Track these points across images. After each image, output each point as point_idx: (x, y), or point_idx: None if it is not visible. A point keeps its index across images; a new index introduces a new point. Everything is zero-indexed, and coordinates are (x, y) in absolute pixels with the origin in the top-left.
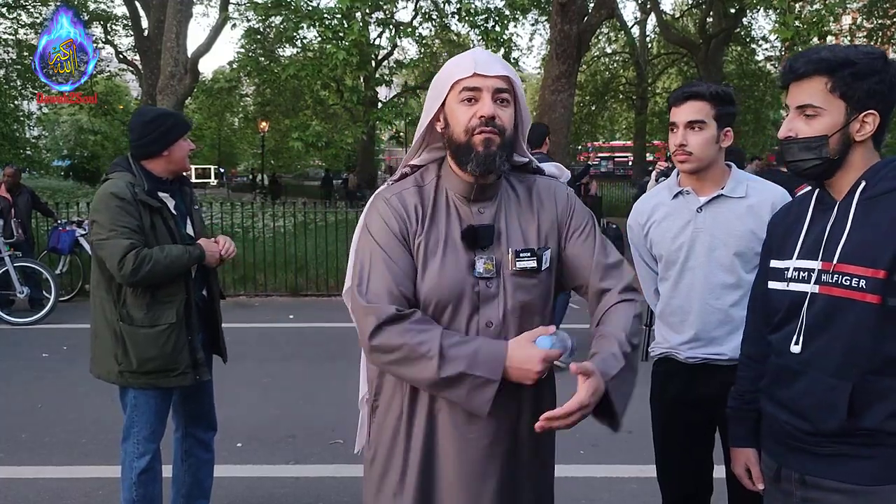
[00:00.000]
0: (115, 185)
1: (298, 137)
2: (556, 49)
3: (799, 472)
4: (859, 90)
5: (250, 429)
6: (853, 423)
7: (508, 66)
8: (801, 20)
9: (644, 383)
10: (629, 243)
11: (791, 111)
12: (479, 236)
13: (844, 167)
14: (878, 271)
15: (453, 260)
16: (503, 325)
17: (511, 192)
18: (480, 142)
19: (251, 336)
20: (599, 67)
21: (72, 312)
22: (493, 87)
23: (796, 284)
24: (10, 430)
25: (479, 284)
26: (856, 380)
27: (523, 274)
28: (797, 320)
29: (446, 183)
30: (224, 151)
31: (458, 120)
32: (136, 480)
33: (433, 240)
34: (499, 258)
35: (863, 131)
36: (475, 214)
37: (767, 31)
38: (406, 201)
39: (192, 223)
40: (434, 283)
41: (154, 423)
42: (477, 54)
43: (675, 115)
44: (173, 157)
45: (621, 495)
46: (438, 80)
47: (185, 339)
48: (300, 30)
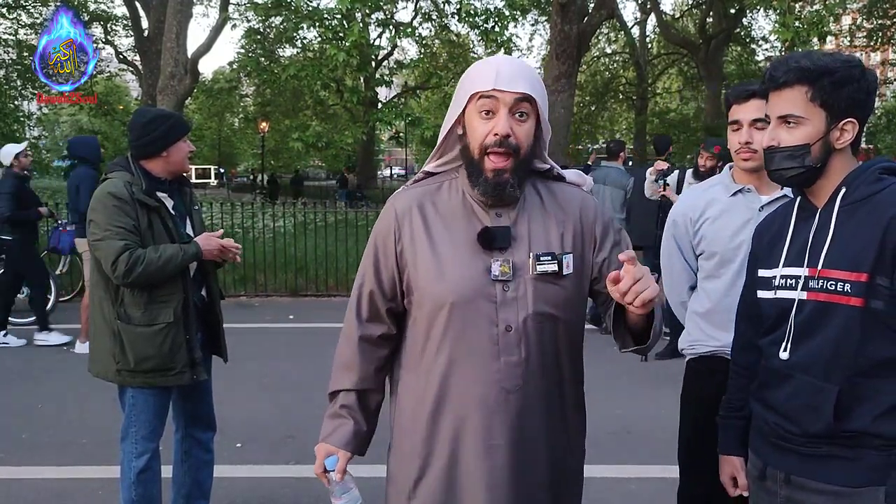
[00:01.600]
0: (113, 184)
1: (298, 138)
2: (555, 49)
3: (784, 471)
4: (839, 98)
5: (250, 429)
6: (840, 426)
7: (533, 79)
8: (800, 21)
9: (647, 385)
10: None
11: (773, 120)
12: (495, 238)
13: (825, 174)
14: (861, 275)
15: (468, 261)
16: (523, 331)
17: (534, 196)
18: (491, 170)
19: (251, 336)
20: (599, 67)
21: (72, 312)
22: (512, 102)
23: (784, 292)
24: (11, 431)
25: (495, 287)
26: (842, 382)
27: (545, 279)
28: (785, 326)
29: (463, 185)
30: (224, 152)
31: (474, 133)
32: (135, 480)
33: (447, 241)
34: (519, 262)
35: (842, 139)
36: (493, 218)
37: (767, 31)
38: (414, 204)
39: (192, 223)
40: (448, 284)
41: (153, 423)
42: (501, 66)
43: (737, 113)
44: (172, 158)
45: (621, 495)
46: (461, 85)
47: (183, 339)
48: (300, 30)
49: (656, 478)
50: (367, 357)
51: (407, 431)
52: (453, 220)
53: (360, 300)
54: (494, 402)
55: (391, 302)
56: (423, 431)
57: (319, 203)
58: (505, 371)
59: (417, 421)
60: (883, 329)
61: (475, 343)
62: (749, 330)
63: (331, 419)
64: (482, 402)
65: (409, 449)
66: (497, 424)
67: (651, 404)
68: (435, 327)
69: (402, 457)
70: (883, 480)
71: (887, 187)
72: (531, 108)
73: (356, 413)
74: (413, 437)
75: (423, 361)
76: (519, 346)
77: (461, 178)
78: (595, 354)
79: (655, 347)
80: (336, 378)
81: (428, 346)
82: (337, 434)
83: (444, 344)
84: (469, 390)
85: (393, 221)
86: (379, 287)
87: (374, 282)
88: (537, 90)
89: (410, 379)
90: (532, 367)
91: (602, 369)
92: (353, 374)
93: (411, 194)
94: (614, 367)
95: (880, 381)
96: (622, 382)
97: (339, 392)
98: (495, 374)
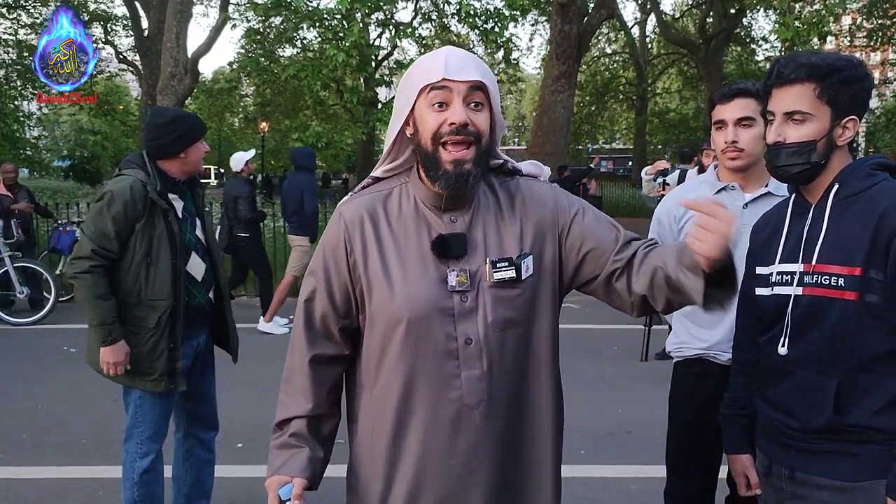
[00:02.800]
0: (122, 185)
1: (298, 138)
2: (555, 49)
3: (789, 468)
4: (845, 96)
5: (251, 429)
6: (840, 420)
7: (483, 67)
8: (801, 20)
9: (647, 385)
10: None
11: (778, 116)
12: (450, 246)
13: (824, 171)
14: (855, 269)
15: (423, 273)
16: (484, 343)
17: (489, 197)
18: (450, 161)
19: (251, 336)
20: (599, 68)
21: (72, 313)
22: (465, 90)
23: (780, 288)
24: (11, 431)
25: (452, 299)
26: (841, 377)
27: (503, 286)
28: (783, 322)
29: (415, 191)
30: (224, 152)
31: (426, 126)
32: (138, 480)
33: (400, 252)
34: (475, 270)
35: (844, 136)
36: (447, 224)
37: (767, 31)
38: (364, 213)
39: (203, 225)
40: (403, 299)
41: (158, 424)
42: (449, 56)
43: (722, 113)
44: (189, 159)
45: (621, 495)
46: (406, 83)
47: (166, 346)
48: (300, 30)
49: (657, 478)
50: (319, 379)
51: (366, 454)
52: (405, 230)
53: (309, 318)
54: (457, 420)
55: (344, 319)
56: (385, 454)
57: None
58: (466, 387)
59: (377, 443)
60: (878, 323)
61: (433, 359)
62: (749, 327)
63: (280, 450)
64: (444, 420)
65: (371, 471)
66: (461, 442)
67: (651, 404)
68: (390, 345)
69: (363, 479)
70: (884, 474)
71: (879, 182)
72: (484, 97)
73: (310, 441)
74: (374, 460)
75: (380, 380)
76: (480, 359)
77: (412, 182)
78: (595, 354)
79: (655, 347)
80: (285, 404)
81: (384, 364)
82: (291, 464)
83: (400, 361)
84: (430, 408)
85: (343, 232)
86: (331, 304)
87: (325, 299)
88: (489, 78)
89: (367, 398)
90: (495, 380)
91: (602, 369)
92: (304, 399)
93: (360, 202)
94: (614, 367)
95: (878, 376)
96: (622, 382)
97: (290, 420)
98: (456, 391)
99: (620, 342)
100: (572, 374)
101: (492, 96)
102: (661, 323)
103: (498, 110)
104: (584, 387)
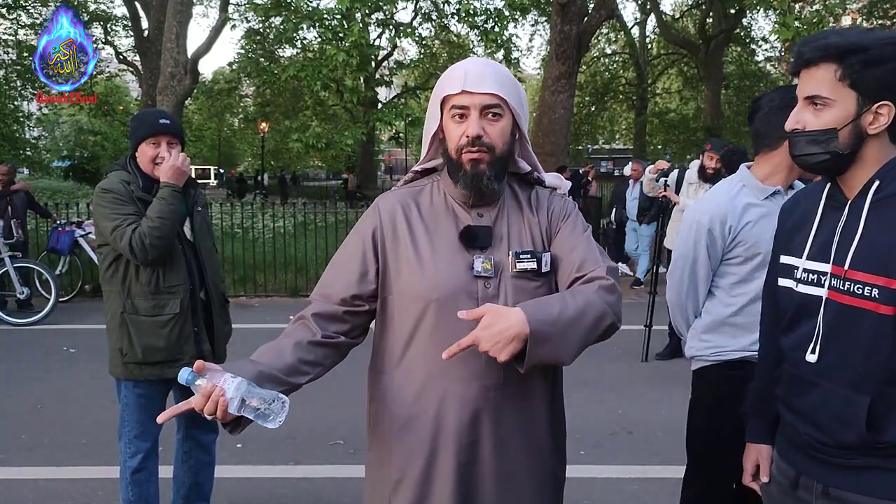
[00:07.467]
0: (108, 181)
1: (298, 139)
2: (555, 49)
3: (822, 483)
4: (871, 79)
5: (250, 429)
6: (874, 437)
7: (501, 78)
8: (801, 21)
9: (647, 385)
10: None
11: (799, 101)
12: (476, 236)
13: (858, 163)
14: (891, 280)
15: (451, 259)
16: None
17: (513, 197)
18: (468, 161)
19: (251, 337)
20: (599, 68)
21: (71, 313)
22: (482, 104)
23: (806, 287)
24: (11, 431)
25: (477, 284)
26: (874, 393)
27: (524, 276)
28: (809, 325)
29: (445, 187)
30: (224, 152)
31: (450, 136)
32: (130, 480)
33: (431, 239)
34: (499, 260)
35: (876, 124)
36: (474, 218)
37: (767, 31)
38: (398, 204)
39: (192, 225)
40: (432, 280)
41: (143, 422)
42: (469, 68)
43: None
44: (141, 160)
45: (622, 496)
46: (436, 91)
47: (191, 330)
48: (300, 31)
49: (657, 478)
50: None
51: (386, 432)
52: (436, 220)
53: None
54: (475, 399)
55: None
56: (402, 431)
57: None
58: (486, 367)
59: (396, 421)
60: None
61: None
62: (775, 315)
63: None
64: (463, 398)
65: (389, 449)
66: (477, 421)
67: (651, 404)
68: (418, 325)
69: (382, 457)
70: None
71: None
72: (504, 107)
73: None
74: (392, 437)
75: (405, 360)
76: None
77: (443, 180)
78: (595, 354)
79: (656, 348)
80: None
81: (411, 345)
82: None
83: (426, 341)
84: (450, 387)
85: (377, 217)
86: (357, 279)
87: (346, 271)
88: (507, 89)
89: (388, 380)
90: (512, 365)
91: (602, 369)
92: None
93: (396, 195)
94: (614, 367)
95: None
96: (622, 382)
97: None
98: (476, 371)
99: (621, 343)
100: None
101: (512, 106)
102: (662, 323)
103: (524, 117)
104: (584, 387)
